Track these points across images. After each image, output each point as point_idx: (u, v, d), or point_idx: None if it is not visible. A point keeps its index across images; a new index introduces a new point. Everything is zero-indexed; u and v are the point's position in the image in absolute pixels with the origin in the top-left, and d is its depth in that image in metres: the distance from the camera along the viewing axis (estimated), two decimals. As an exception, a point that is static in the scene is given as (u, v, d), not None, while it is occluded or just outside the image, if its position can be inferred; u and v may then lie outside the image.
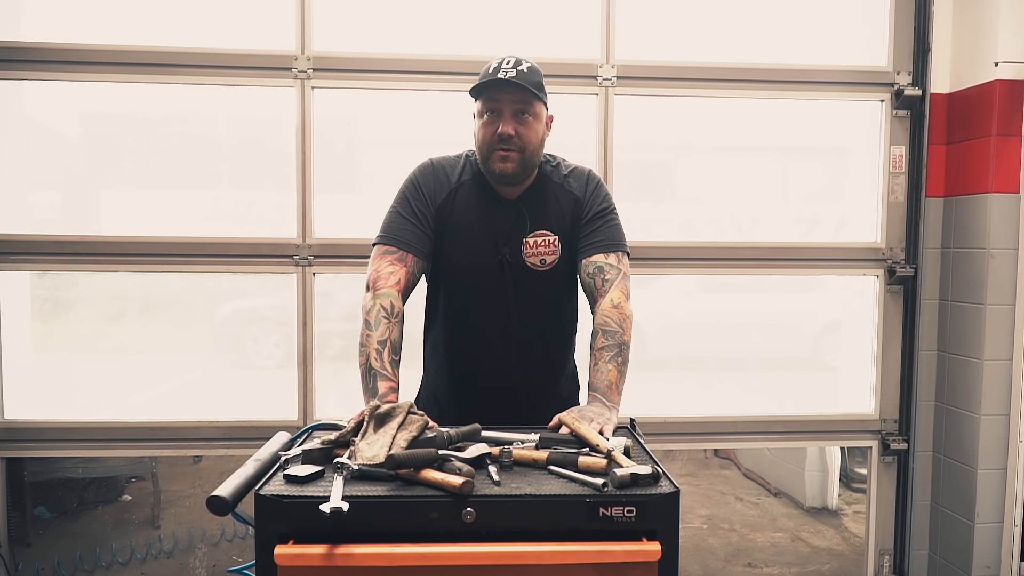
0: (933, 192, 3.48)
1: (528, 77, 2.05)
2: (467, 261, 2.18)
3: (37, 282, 3.46)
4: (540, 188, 2.21)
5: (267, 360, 3.71)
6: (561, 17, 3.43)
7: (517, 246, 2.17)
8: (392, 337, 2.02)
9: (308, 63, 3.26)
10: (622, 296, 2.14)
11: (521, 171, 2.11)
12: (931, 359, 3.54)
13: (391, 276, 2.09)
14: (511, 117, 2.07)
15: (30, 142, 3.44)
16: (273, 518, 1.46)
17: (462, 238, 2.18)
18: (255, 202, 3.54)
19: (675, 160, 3.90)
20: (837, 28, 3.60)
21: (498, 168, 2.09)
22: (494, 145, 2.07)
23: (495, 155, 2.08)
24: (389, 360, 1.99)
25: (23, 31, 3.28)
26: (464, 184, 2.20)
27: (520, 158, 2.08)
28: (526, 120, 2.08)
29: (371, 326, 2.03)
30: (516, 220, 2.17)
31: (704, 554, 3.69)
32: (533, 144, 2.10)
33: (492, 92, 2.07)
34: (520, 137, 2.07)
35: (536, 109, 2.10)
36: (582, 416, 1.89)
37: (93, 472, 3.48)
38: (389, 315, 2.03)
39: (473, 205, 2.18)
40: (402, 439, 1.64)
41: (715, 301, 3.89)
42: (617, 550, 1.45)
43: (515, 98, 2.06)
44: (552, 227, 2.18)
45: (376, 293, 2.06)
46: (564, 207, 2.20)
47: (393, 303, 2.05)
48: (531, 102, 2.08)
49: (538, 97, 2.08)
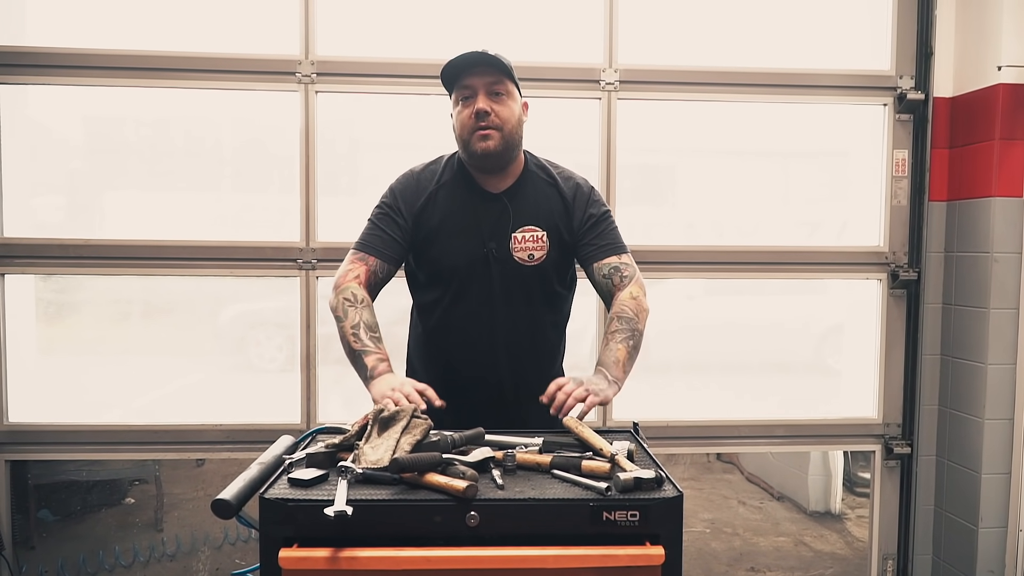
0: (936, 196, 3.48)
1: (496, 58, 2.09)
2: (454, 256, 2.20)
3: (41, 285, 3.47)
4: (526, 183, 2.23)
5: (270, 363, 3.72)
6: (564, 21, 3.44)
7: (504, 240, 2.18)
8: (363, 318, 2.09)
9: (312, 67, 3.26)
10: (640, 291, 2.18)
11: (503, 150, 2.13)
12: (934, 363, 3.53)
13: (350, 273, 2.18)
14: (486, 95, 2.10)
15: (35, 146, 3.45)
16: (277, 521, 1.47)
17: (447, 234, 2.20)
18: (259, 206, 3.54)
19: (677, 164, 3.90)
20: (840, 32, 3.60)
21: (479, 147, 2.11)
22: (473, 126, 2.10)
23: (475, 135, 2.11)
24: (368, 337, 2.06)
25: (28, 36, 3.30)
26: (445, 184, 2.22)
27: (500, 136, 2.11)
28: (500, 99, 2.11)
29: (341, 319, 2.11)
30: (501, 214, 2.19)
31: (707, 558, 3.69)
32: (511, 122, 2.12)
33: (463, 77, 2.11)
34: (497, 115, 2.10)
35: (509, 88, 2.13)
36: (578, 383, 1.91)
37: (97, 475, 3.49)
38: (354, 302, 2.11)
39: (456, 202, 2.21)
40: (406, 443, 1.64)
41: (717, 305, 3.89)
42: (621, 554, 1.46)
43: (487, 78, 2.10)
44: (539, 222, 2.20)
45: (339, 290, 2.16)
46: (552, 204, 2.22)
47: (355, 293, 2.13)
48: (504, 80, 2.11)
49: (509, 76, 2.11)
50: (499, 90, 2.11)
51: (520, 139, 2.19)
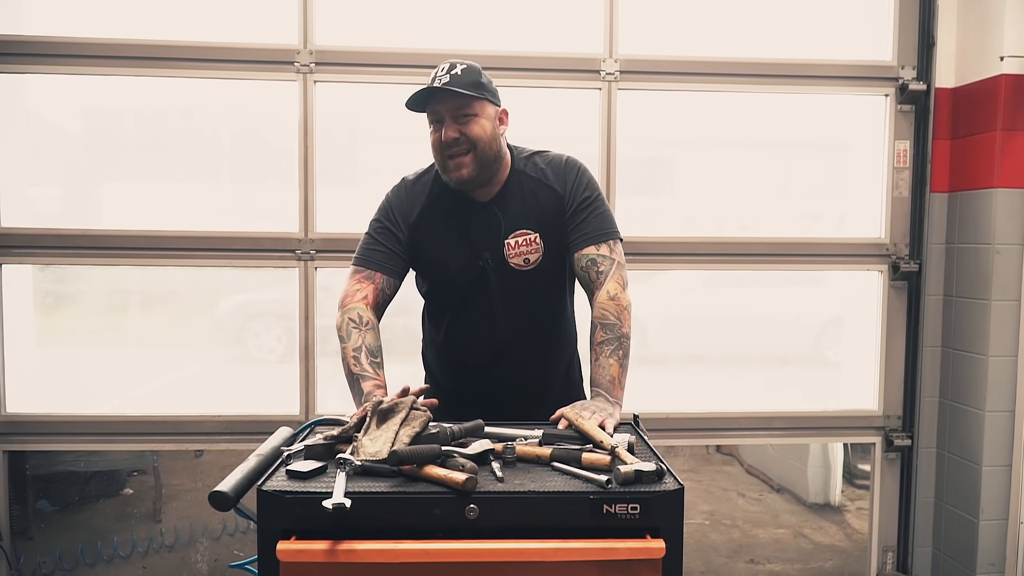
0: (938, 187, 3.47)
1: (462, 79, 2.04)
2: (451, 270, 2.20)
3: (39, 275, 3.46)
4: (514, 186, 2.19)
5: (269, 354, 3.71)
6: (564, 11, 3.42)
7: (498, 249, 2.17)
8: (366, 342, 2.08)
9: (310, 57, 3.25)
10: (618, 287, 2.13)
11: (478, 172, 2.10)
12: (935, 355, 3.52)
13: (357, 293, 2.16)
14: (452, 121, 2.06)
15: (32, 135, 3.44)
16: (276, 514, 1.46)
17: (443, 250, 2.19)
18: (257, 196, 3.53)
19: (677, 155, 3.89)
20: (841, 22, 3.58)
21: (455, 177, 2.09)
22: (444, 152, 2.08)
23: (449, 164, 2.09)
24: (368, 363, 2.06)
25: (25, 25, 3.27)
26: (437, 196, 2.20)
27: (473, 157, 2.07)
28: (468, 121, 2.07)
29: (344, 339, 2.10)
30: (492, 223, 2.17)
31: (706, 550, 3.69)
32: (483, 140, 2.08)
33: (430, 104, 2.08)
34: (467, 137, 2.06)
35: (475, 109, 2.08)
36: (584, 410, 1.89)
37: (95, 466, 3.48)
38: (359, 325, 2.10)
39: (449, 216, 2.19)
40: (405, 435, 1.63)
41: (717, 296, 3.88)
42: (621, 547, 1.45)
43: (451, 104, 2.06)
44: (532, 225, 2.17)
45: (344, 309, 2.14)
46: (543, 202, 2.18)
47: (360, 314, 2.12)
48: (469, 103, 2.06)
49: (474, 96, 2.05)
50: (466, 112, 2.06)
51: (498, 151, 2.14)
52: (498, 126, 2.13)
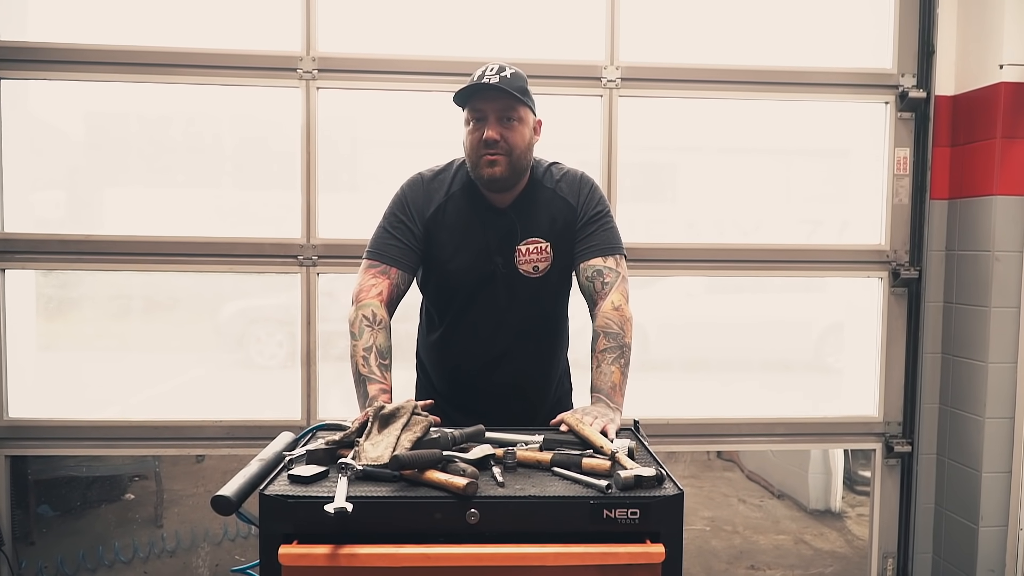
0: (938, 194, 3.48)
1: (512, 83, 2.06)
2: (461, 270, 2.20)
3: (42, 281, 3.47)
4: (531, 195, 2.21)
5: (270, 360, 3.71)
6: (566, 19, 3.43)
7: (510, 254, 2.18)
8: (377, 343, 2.06)
9: (313, 64, 3.26)
10: (622, 299, 2.15)
11: (510, 175, 2.11)
12: (935, 361, 3.53)
13: (372, 288, 2.13)
14: (496, 122, 2.07)
15: (35, 141, 3.44)
16: (277, 518, 1.47)
17: (455, 249, 2.19)
18: (259, 202, 3.54)
19: (679, 161, 3.90)
20: (842, 30, 3.59)
21: (486, 173, 2.09)
22: (481, 151, 2.08)
23: (483, 160, 2.08)
24: (377, 364, 2.04)
25: (29, 31, 3.29)
26: (454, 195, 2.20)
27: (508, 162, 2.08)
28: (511, 124, 2.08)
29: (356, 336, 2.08)
30: (508, 229, 2.18)
31: (707, 556, 3.69)
32: (520, 148, 2.10)
33: (476, 99, 2.08)
34: (506, 141, 2.07)
35: (520, 113, 2.09)
36: (585, 416, 1.90)
37: (96, 471, 3.48)
38: (372, 323, 2.08)
39: (465, 216, 2.19)
40: (406, 440, 1.64)
41: (718, 303, 3.89)
42: (621, 552, 1.46)
43: (499, 104, 2.06)
44: (544, 234, 2.19)
45: (359, 305, 2.11)
46: (556, 213, 2.20)
47: (375, 312, 2.09)
48: (515, 107, 2.08)
49: (522, 101, 2.07)
50: (511, 115, 2.07)
51: (528, 162, 2.16)
52: (532, 136, 2.16)
